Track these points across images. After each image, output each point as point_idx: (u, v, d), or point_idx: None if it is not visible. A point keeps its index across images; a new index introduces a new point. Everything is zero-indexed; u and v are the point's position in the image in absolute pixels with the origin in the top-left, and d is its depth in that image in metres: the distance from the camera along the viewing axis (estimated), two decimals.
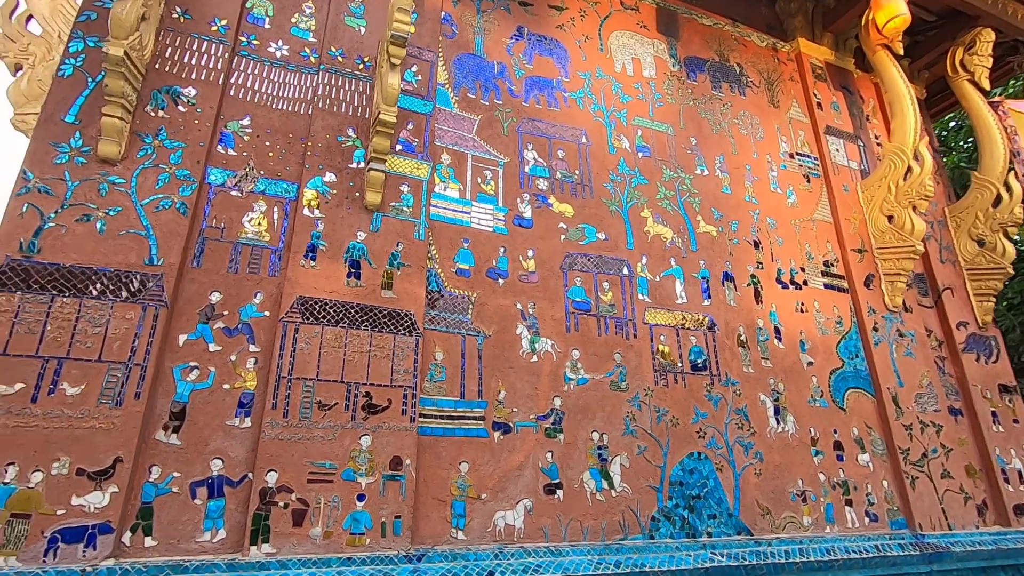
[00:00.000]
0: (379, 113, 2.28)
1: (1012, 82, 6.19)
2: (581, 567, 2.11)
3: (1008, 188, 3.76)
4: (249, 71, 2.42)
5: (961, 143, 8.79)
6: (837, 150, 3.85)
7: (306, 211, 2.26)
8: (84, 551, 1.64)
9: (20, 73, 2.36)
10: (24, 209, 1.88)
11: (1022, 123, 3.91)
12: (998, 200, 3.79)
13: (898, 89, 3.64)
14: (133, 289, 1.92)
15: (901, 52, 3.74)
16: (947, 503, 3.09)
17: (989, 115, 3.89)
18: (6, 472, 1.64)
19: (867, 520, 2.88)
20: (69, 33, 2.17)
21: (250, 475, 1.90)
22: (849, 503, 2.87)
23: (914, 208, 3.45)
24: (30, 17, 2.45)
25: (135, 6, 1.98)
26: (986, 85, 3.99)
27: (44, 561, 1.60)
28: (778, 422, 2.88)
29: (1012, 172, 3.79)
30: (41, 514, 1.64)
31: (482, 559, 2.03)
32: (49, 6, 2.46)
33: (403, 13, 2.23)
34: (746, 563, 2.37)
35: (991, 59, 4.04)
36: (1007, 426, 3.51)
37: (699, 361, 2.83)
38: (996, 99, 3.99)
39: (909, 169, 3.49)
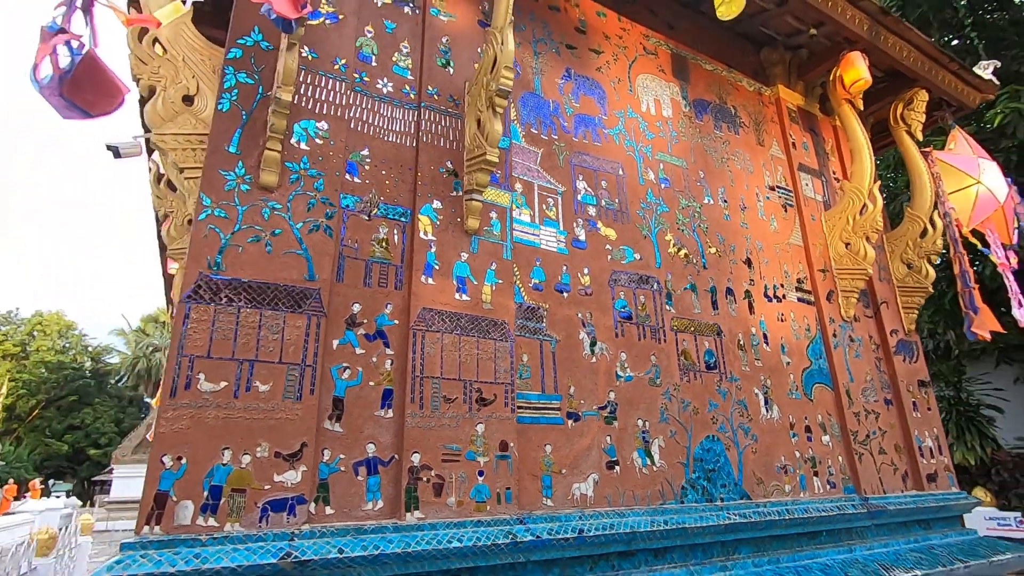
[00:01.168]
0: (483, 153, 2.70)
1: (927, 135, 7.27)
2: (641, 525, 2.69)
3: (932, 224, 4.68)
4: (363, 106, 2.76)
5: None
6: (807, 185, 4.62)
7: (422, 234, 2.66)
8: (287, 518, 2.03)
9: (155, 96, 2.57)
10: (207, 231, 2.18)
11: (945, 171, 4.85)
12: (924, 232, 4.72)
13: (859, 140, 4.43)
14: (299, 301, 2.27)
15: (862, 108, 4.54)
16: (882, 473, 3.96)
17: (921, 162, 4.79)
18: (223, 455, 1.98)
19: (828, 487, 3.67)
20: (222, 69, 2.43)
21: (396, 456, 2.32)
22: (816, 474, 3.65)
23: (867, 238, 4.27)
24: (155, 40, 2.65)
25: (297, 56, 2.29)
26: (920, 137, 4.90)
27: (260, 526, 1.97)
28: (767, 411, 3.60)
29: (936, 211, 4.71)
30: (253, 489, 2.00)
31: (571, 520, 2.56)
32: (171, 30, 2.66)
33: (508, 71, 2.65)
34: (751, 520, 3.06)
35: (924, 115, 4.96)
36: (923, 413, 4.45)
37: (711, 361, 3.48)
38: (927, 149, 4.90)
39: (864, 206, 4.31)
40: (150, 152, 5.55)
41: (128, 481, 29.04)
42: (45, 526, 9.73)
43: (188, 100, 2.60)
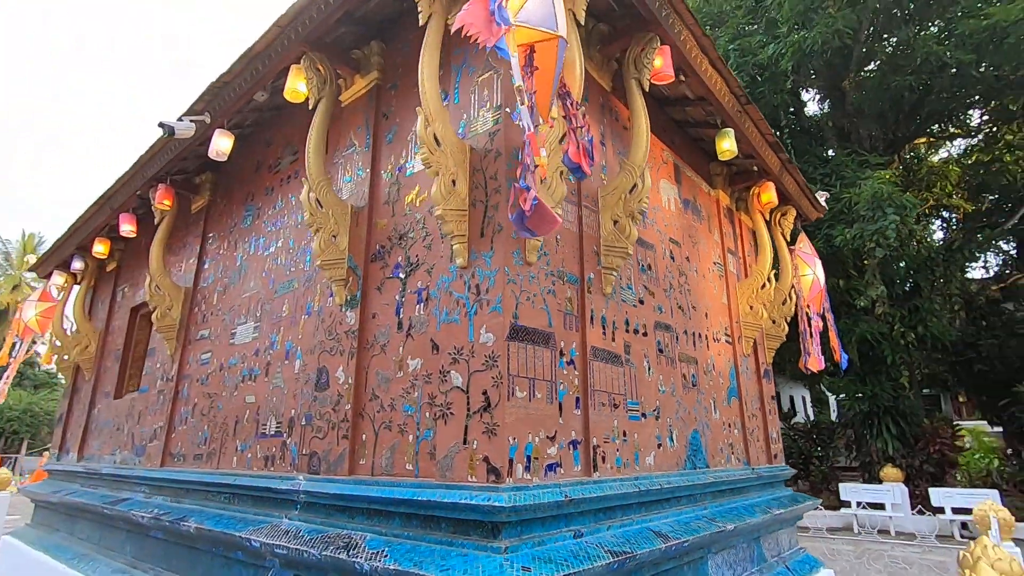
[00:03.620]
0: (624, 246, 4.23)
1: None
2: (680, 481, 4.49)
3: (790, 296, 7.33)
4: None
5: None
6: (730, 262, 6.90)
7: (587, 295, 4.09)
8: (554, 475, 3.38)
9: (437, 178, 3.59)
10: (509, 293, 3.39)
11: (798, 262, 7.56)
12: (785, 301, 7.35)
13: (764, 238, 6.83)
14: (546, 340, 3.58)
15: (768, 219, 6.95)
16: (758, 453, 6.37)
17: (788, 255, 7.42)
18: (528, 437, 3.26)
19: (737, 462, 5.91)
20: (468, 173, 3.57)
21: (584, 439, 3.77)
22: (733, 453, 5.86)
23: (764, 305, 6.67)
24: (435, 135, 3.64)
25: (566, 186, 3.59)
26: (788, 238, 7.54)
27: (545, 479, 3.31)
28: (715, 414, 5.69)
29: (792, 288, 7.38)
30: (540, 458, 3.31)
31: (654, 479, 4.25)
32: (442, 129, 3.69)
33: (647, 197, 4.22)
34: (715, 480, 5.07)
35: (792, 223, 7.63)
36: (772, 416, 7.05)
37: (694, 381, 5.44)
38: (792, 247, 7.56)
39: (764, 284, 6.70)
40: (200, 132, 5.85)
41: None
42: (4, 469, 9.16)
43: (453, 183, 3.68)
